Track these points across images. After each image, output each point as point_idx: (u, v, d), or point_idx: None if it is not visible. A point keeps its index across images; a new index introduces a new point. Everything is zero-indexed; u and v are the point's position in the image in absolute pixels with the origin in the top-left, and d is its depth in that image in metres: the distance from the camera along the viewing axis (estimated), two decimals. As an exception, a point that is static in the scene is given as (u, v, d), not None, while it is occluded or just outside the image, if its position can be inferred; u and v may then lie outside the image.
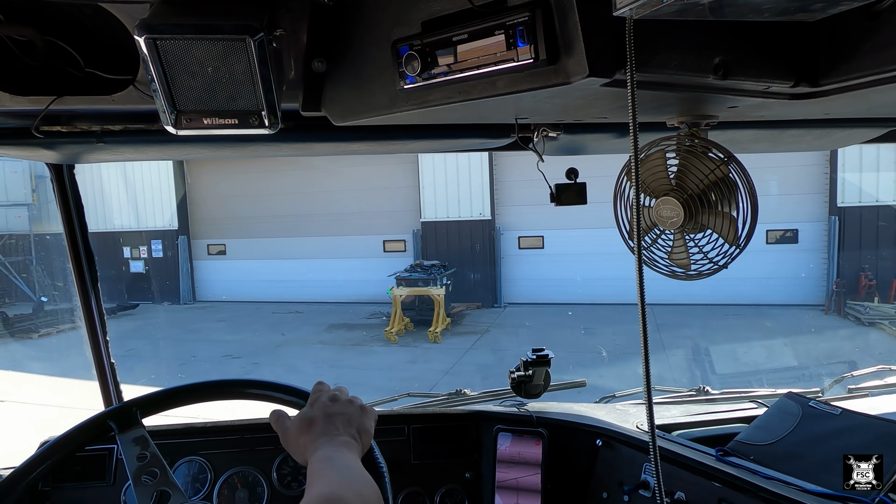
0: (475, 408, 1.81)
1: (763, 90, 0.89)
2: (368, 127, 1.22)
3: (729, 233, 1.07)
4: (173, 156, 1.50)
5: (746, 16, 0.76)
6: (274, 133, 0.94)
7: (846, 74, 0.80)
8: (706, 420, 1.68)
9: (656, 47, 0.74)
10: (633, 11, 0.64)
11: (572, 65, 0.73)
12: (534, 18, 0.73)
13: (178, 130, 0.91)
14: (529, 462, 1.60)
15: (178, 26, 0.81)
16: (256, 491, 1.58)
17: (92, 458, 1.55)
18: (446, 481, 1.66)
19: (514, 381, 1.76)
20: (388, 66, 0.89)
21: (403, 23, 0.86)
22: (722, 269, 1.12)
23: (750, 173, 1.05)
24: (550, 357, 1.77)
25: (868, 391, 1.93)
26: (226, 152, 1.56)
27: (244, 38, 0.82)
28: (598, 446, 1.58)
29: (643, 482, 1.42)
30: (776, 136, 1.50)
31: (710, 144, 1.08)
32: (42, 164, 1.59)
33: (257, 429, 1.62)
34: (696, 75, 0.79)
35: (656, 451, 0.87)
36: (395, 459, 1.63)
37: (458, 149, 1.65)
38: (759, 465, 1.29)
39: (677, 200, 1.09)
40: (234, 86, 0.88)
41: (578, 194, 1.45)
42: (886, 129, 1.49)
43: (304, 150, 1.52)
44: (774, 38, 0.82)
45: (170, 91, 0.87)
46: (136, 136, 1.24)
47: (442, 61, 0.82)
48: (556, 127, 1.32)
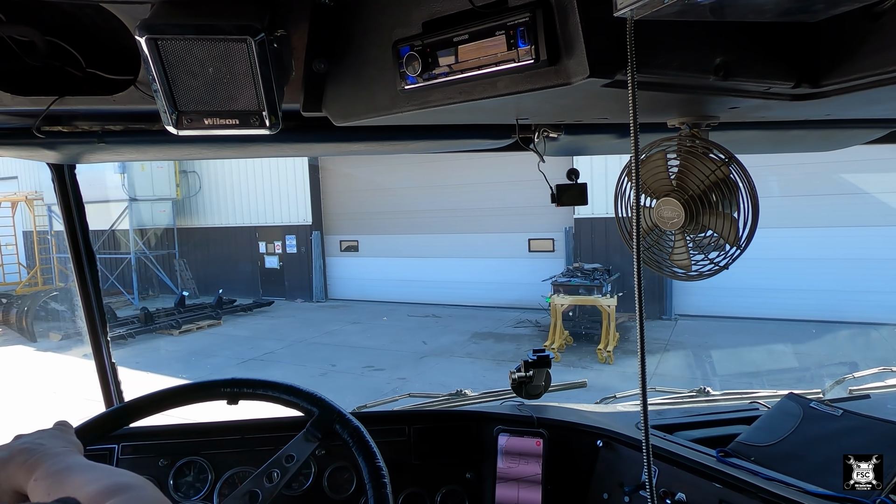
0: (476, 408, 1.81)
1: (764, 91, 0.88)
2: (369, 127, 1.22)
3: (730, 233, 1.07)
4: (174, 156, 1.50)
5: (747, 16, 0.76)
6: (275, 133, 0.94)
7: (847, 75, 0.80)
8: (707, 421, 1.68)
9: (657, 48, 0.74)
10: (634, 12, 0.64)
11: (573, 65, 0.73)
12: (535, 19, 0.73)
13: (179, 131, 0.91)
14: (530, 462, 1.60)
15: (179, 27, 0.81)
16: None
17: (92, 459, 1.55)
18: (447, 482, 1.66)
19: (515, 381, 1.76)
20: (389, 66, 0.89)
21: (404, 23, 0.86)
22: (723, 269, 1.12)
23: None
24: (551, 357, 1.77)
25: (869, 392, 1.93)
26: (226, 153, 1.56)
27: (245, 39, 0.82)
28: (598, 447, 1.58)
29: (644, 483, 1.42)
30: (777, 137, 1.50)
31: (710, 145, 1.08)
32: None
33: (258, 429, 1.62)
34: (697, 76, 0.79)
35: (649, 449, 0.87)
36: (395, 460, 1.63)
37: (459, 149, 1.65)
38: (759, 465, 1.29)
39: (678, 201, 1.09)
40: (235, 86, 0.88)
41: (579, 195, 1.45)
42: (888, 130, 1.48)
43: (305, 150, 1.52)
44: (775, 38, 0.82)
45: (171, 91, 0.87)
46: (136, 136, 1.25)
47: (443, 62, 0.82)
48: (556, 127, 1.32)
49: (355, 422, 1.20)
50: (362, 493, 1.58)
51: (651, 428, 1.55)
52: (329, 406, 1.21)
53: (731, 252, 1.09)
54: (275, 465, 1.12)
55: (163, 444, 1.59)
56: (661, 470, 1.39)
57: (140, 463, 1.56)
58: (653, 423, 1.58)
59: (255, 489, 1.09)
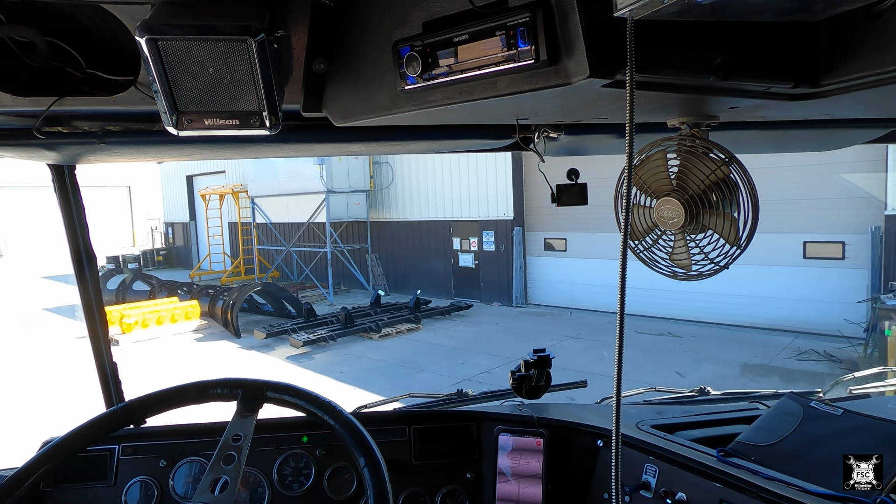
0: (476, 408, 1.81)
1: (764, 91, 0.89)
2: (369, 127, 1.22)
3: (730, 233, 1.07)
4: (174, 156, 1.50)
5: (747, 16, 0.76)
6: (275, 134, 0.94)
7: (847, 75, 0.80)
8: (707, 421, 1.68)
9: (657, 48, 0.74)
10: (634, 12, 0.64)
11: (573, 65, 0.73)
12: (535, 19, 0.73)
13: (179, 131, 0.91)
14: (530, 462, 1.60)
15: (179, 27, 0.81)
16: (258, 491, 1.58)
17: (93, 459, 1.55)
18: (447, 482, 1.66)
19: (515, 381, 1.76)
20: (389, 66, 0.89)
21: (404, 23, 0.86)
22: (723, 269, 1.12)
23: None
24: (551, 357, 1.77)
25: (869, 392, 1.93)
26: (227, 153, 1.56)
27: (245, 39, 0.82)
28: (598, 447, 1.58)
29: (644, 483, 1.42)
30: (777, 137, 1.50)
31: (710, 145, 1.08)
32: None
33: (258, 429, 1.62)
34: (697, 76, 0.80)
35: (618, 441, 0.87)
36: (396, 460, 1.63)
37: (459, 149, 1.65)
38: (760, 465, 1.28)
39: (678, 201, 1.09)
40: (235, 86, 0.88)
41: (580, 195, 1.46)
42: (888, 130, 1.49)
43: (305, 150, 1.52)
44: (775, 38, 0.82)
45: (171, 92, 0.87)
46: (137, 136, 1.25)
47: (443, 62, 0.82)
48: (556, 128, 1.32)
49: (284, 383, 1.20)
50: (362, 493, 1.58)
51: (651, 428, 1.55)
52: (252, 381, 1.20)
53: (732, 252, 1.09)
54: (225, 448, 1.12)
55: (163, 444, 1.59)
56: (662, 470, 1.39)
57: (140, 463, 1.56)
58: (653, 423, 1.58)
59: (217, 477, 1.08)
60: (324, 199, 13.92)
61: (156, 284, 13.10)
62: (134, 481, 1.55)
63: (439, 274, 13.57)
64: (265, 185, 15.26)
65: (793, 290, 8.83)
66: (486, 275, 12.78)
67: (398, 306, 11.40)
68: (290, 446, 1.62)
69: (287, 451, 1.61)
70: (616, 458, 0.76)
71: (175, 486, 1.55)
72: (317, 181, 13.64)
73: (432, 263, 13.76)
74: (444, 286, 13.37)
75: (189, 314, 10.72)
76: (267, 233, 17.33)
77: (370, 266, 14.74)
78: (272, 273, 16.85)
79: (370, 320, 10.14)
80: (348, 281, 15.27)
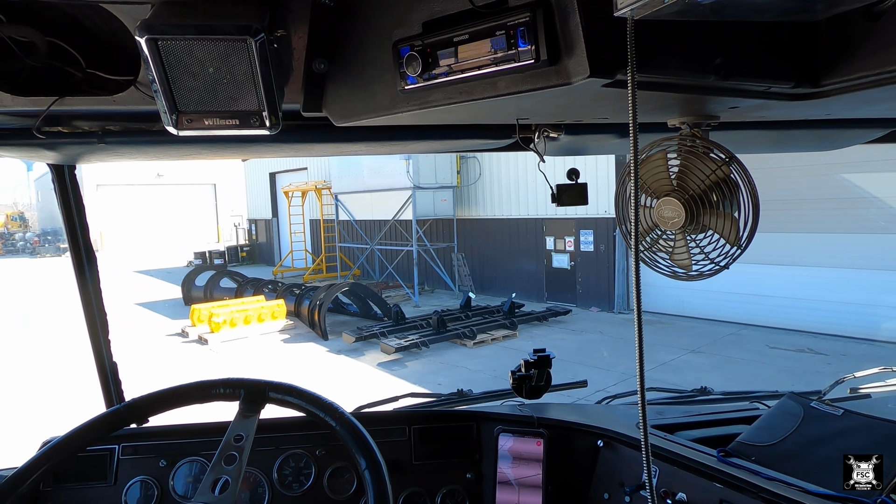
0: (476, 408, 1.81)
1: (764, 91, 0.88)
2: (369, 127, 1.22)
3: (730, 233, 1.07)
4: (174, 156, 1.50)
5: (748, 16, 0.76)
6: (275, 134, 0.94)
7: (847, 75, 0.80)
8: (707, 421, 1.68)
9: (657, 48, 0.74)
10: (634, 12, 0.64)
11: (573, 65, 0.73)
12: (535, 19, 0.73)
13: (179, 131, 0.91)
14: (531, 462, 1.60)
15: (179, 27, 0.81)
16: (258, 491, 1.58)
17: (93, 459, 1.55)
18: (447, 482, 1.66)
19: (516, 381, 1.76)
20: (389, 66, 0.89)
21: (404, 23, 0.86)
22: (723, 269, 1.12)
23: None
24: (552, 357, 1.77)
25: (870, 392, 1.93)
26: (227, 153, 1.56)
27: (245, 39, 0.82)
28: (599, 447, 1.58)
29: (644, 483, 1.42)
30: (778, 137, 1.50)
31: (711, 145, 1.08)
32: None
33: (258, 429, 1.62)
34: (697, 76, 0.79)
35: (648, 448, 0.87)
36: (396, 460, 1.63)
37: (459, 149, 1.65)
38: (760, 465, 1.28)
39: (678, 201, 1.09)
40: (235, 86, 0.88)
41: (579, 195, 1.45)
42: (888, 130, 1.49)
43: (305, 150, 1.52)
44: (775, 38, 0.82)
45: (171, 92, 0.87)
46: (137, 136, 1.25)
47: (443, 62, 0.82)
48: (557, 127, 1.32)
49: (286, 383, 1.20)
50: (362, 493, 1.58)
51: (651, 428, 1.55)
52: (254, 381, 1.20)
53: (732, 252, 1.09)
54: (227, 448, 1.12)
55: (163, 444, 1.59)
56: (662, 470, 1.39)
57: (140, 463, 1.56)
58: (653, 423, 1.58)
59: (218, 477, 1.08)
60: (409, 195, 13.11)
61: (241, 282, 12.79)
62: (134, 481, 1.55)
63: (530, 275, 12.52)
64: (349, 182, 14.75)
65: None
66: (584, 277, 11.57)
67: (490, 310, 10.46)
68: (290, 446, 1.62)
69: (287, 451, 1.61)
70: (647, 460, 0.76)
71: (175, 486, 1.55)
72: (402, 177, 12.93)
73: (522, 264, 12.70)
74: (535, 288, 12.34)
75: (276, 314, 10.41)
76: (349, 230, 16.89)
77: (456, 266, 14.05)
78: (354, 271, 16.41)
79: (462, 325, 9.25)
80: (432, 280, 14.63)
